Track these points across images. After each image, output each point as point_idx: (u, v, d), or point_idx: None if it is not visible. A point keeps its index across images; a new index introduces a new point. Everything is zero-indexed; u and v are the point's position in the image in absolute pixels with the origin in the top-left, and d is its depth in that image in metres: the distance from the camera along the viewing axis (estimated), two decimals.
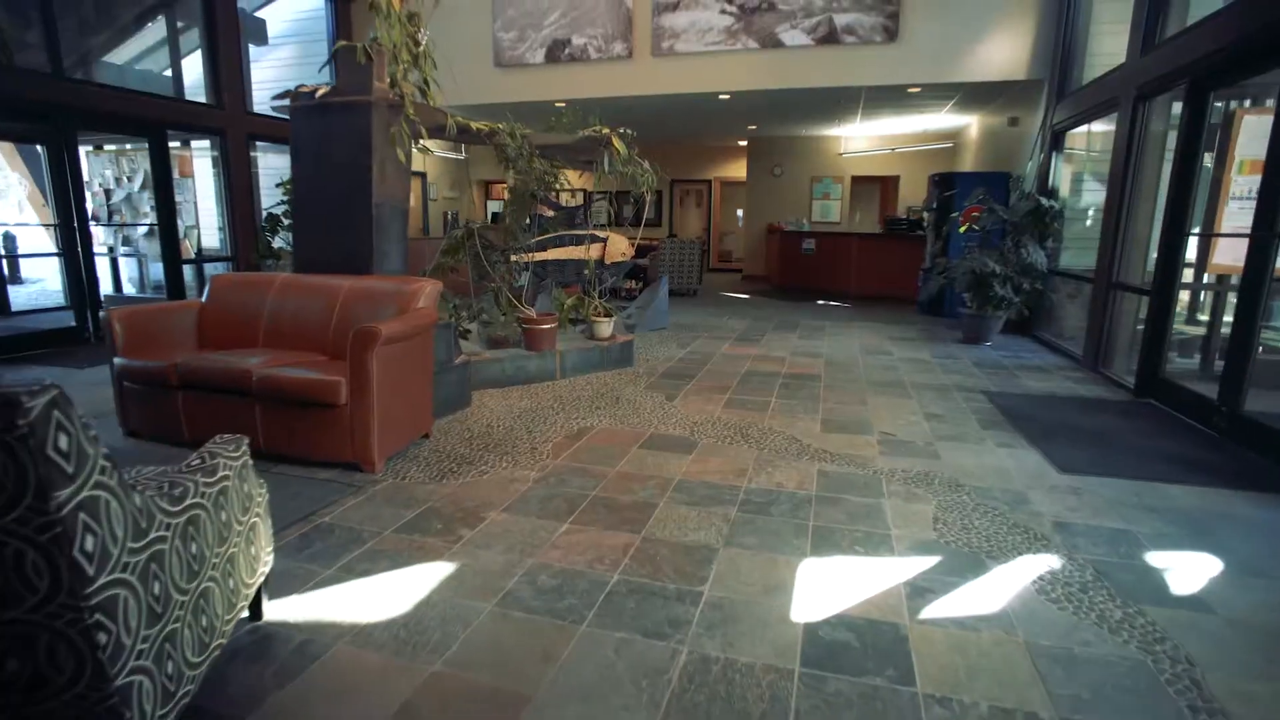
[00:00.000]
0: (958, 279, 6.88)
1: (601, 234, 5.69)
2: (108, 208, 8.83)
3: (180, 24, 8.20)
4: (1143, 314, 5.50)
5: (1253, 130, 4.75)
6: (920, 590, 2.29)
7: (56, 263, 7.32)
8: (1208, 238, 4.87)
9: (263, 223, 8.30)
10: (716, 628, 2.07)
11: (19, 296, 10.41)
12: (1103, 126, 6.87)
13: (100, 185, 8.82)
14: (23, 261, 11.82)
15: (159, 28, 8.23)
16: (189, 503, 1.54)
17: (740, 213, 15.80)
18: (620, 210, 6.17)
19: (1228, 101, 4.98)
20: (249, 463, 1.89)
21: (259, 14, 9.63)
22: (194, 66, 8.08)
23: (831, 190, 13.67)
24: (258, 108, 8.31)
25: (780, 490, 3.12)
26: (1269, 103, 4.73)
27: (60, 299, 7.63)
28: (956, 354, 6.47)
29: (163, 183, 7.30)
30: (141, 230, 8.66)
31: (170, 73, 8.07)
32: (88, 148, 8.72)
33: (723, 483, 3.21)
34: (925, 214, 10.15)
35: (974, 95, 8.68)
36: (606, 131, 4.97)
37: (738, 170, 15.37)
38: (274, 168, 9.02)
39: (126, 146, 8.66)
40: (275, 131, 8.33)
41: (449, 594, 2.25)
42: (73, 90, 6.36)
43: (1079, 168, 7.42)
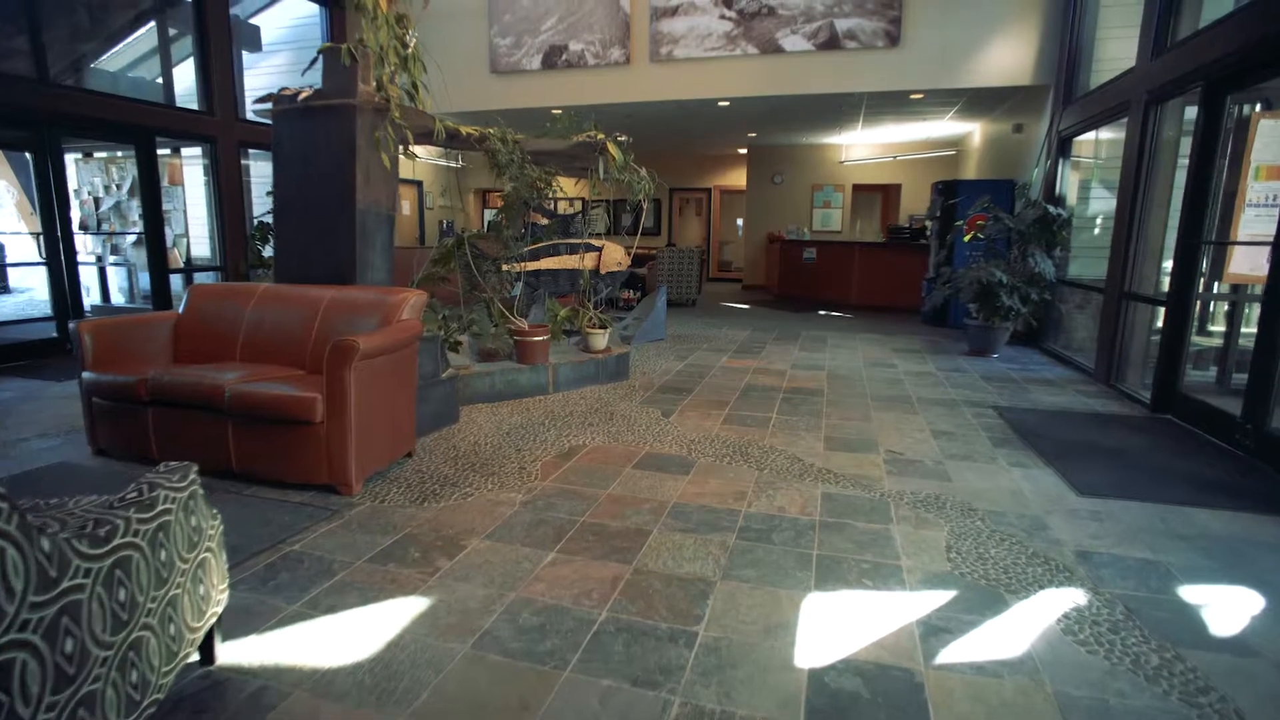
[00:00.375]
0: (963, 289, 6.71)
1: (596, 243, 5.52)
2: (96, 216, 8.69)
3: (172, 31, 8.09)
4: (1157, 325, 5.33)
5: (1270, 135, 4.59)
6: (935, 630, 2.10)
7: (45, 272, 7.16)
8: (1223, 246, 4.70)
9: (253, 231, 8.15)
10: (712, 674, 1.89)
11: (6, 306, 10.27)
12: (1109, 134, 6.72)
13: (89, 193, 8.68)
14: (12, 270, 11.68)
15: (150, 35, 8.11)
16: (118, 543, 1.36)
17: (740, 221, 15.67)
18: (619, 218, 5.99)
19: (1240, 106, 4.83)
20: (198, 493, 1.71)
21: (253, 20, 9.52)
22: (187, 74, 7.96)
23: (832, 199, 13.53)
24: (250, 115, 8.18)
25: (782, 515, 2.94)
26: None
27: (48, 309, 7.48)
28: (963, 366, 6.29)
29: (150, 190, 7.15)
30: (130, 239, 8.51)
31: (161, 80, 7.94)
32: (77, 155, 8.60)
33: (720, 506, 3.02)
34: (928, 222, 9.99)
35: (977, 102, 8.54)
36: (601, 137, 4.81)
37: (738, 179, 15.24)
38: (266, 175, 8.87)
39: (118, 154, 8.53)
40: (267, 139, 8.17)
41: (421, 634, 2.06)
42: (57, 96, 6.22)
43: (1086, 175, 7.26)
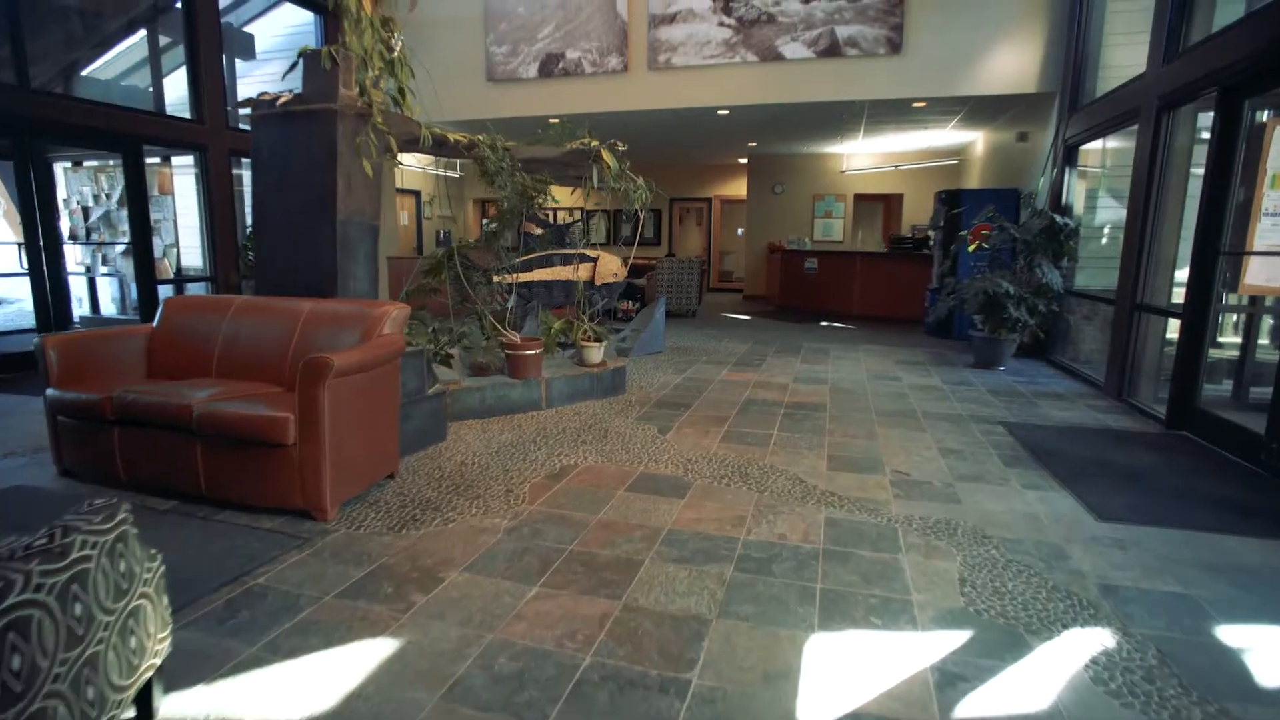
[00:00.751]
0: (969, 300, 6.54)
1: (592, 253, 5.36)
2: (85, 226, 8.56)
3: (165, 40, 7.98)
4: (1169, 337, 5.16)
5: None
6: (951, 677, 1.91)
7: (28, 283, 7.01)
8: (1237, 256, 4.53)
9: (245, 241, 8.00)
10: None
11: None
12: (1116, 143, 6.57)
13: (78, 203, 8.55)
14: (3, 281, 11.52)
15: (141, 44, 8.00)
16: (11, 602, 1.18)
17: (741, 231, 15.53)
18: (619, 228, 5.82)
19: (1253, 112, 4.67)
20: (129, 533, 1.53)
21: (247, 29, 9.41)
22: (179, 83, 7.83)
23: (834, 208, 13.39)
24: (242, 124, 8.05)
25: (783, 544, 2.75)
26: None
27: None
28: (969, 380, 6.11)
29: (137, 199, 7.01)
30: (120, 249, 8.37)
31: (151, 88, 7.82)
32: (66, 164, 8.47)
33: (718, 533, 2.84)
34: (931, 232, 9.84)
35: (981, 110, 8.41)
36: (595, 144, 4.66)
37: (738, 188, 15.11)
38: None
39: (110, 163, 8.40)
40: None
41: (387, 682, 1.87)
42: (40, 103, 6.08)
43: (1094, 184, 7.10)
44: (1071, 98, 6.75)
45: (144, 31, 7.91)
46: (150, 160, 8.01)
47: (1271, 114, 4.40)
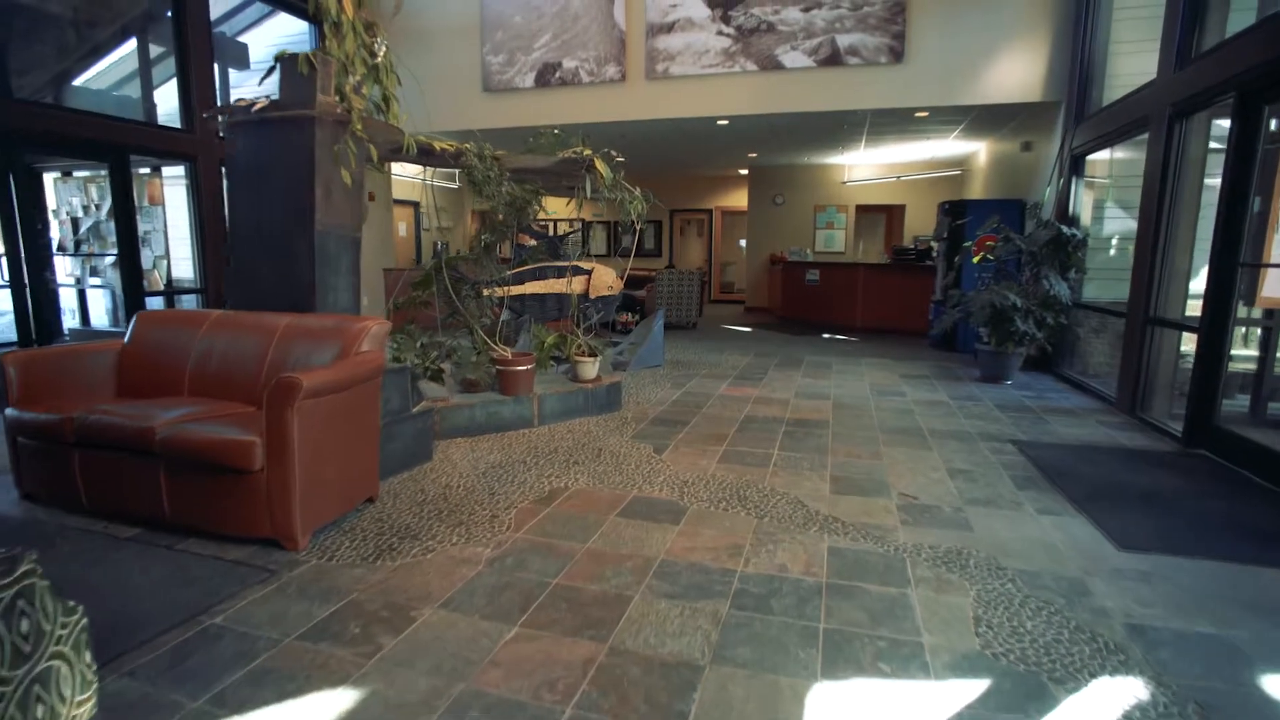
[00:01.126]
0: (975, 313, 6.37)
1: (586, 265, 5.20)
2: (75, 237, 8.43)
3: (158, 50, 7.87)
4: (1182, 350, 4.98)
5: None
6: None
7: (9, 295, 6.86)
8: (1254, 268, 4.36)
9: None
10: None
11: None
12: (1124, 153, 6.42)
13: (67, 213, 8.43)
14: None
15: (131, 53, 7.89)
16: None
17: (743, 243, 15.40)
18: (619, 239, 5.66)
19: (1269, 120, 4.52)
20: (36, 587, 1.35)
21: (241, 38, 9.32)
22: (174, 94, 7.72)
23: (835, 219, 13.25)
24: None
25: (783, 576, 2.57)
26: None
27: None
28: (976, 395, 5.92)
29: (124, 210, 6.86)
30: (109, 260, 8.23)
31: (141, 98, 7.71)
32: (56, 174, 8.36)
33: (714, 565, 2.65)
34: (935, 243, 9.69)
35: (984, 119, 8.27)
36: (589, 153, 4.51)
37: (739, 199, 15.00)
38: None
39: (101, 173, 8.28)
40: None
41: None
42: (19, 111, 5.95)
43: (1101, 194, 6.95)
44: (1078, 106, 6.61)
45: (134, 41, 7.81)
46: (142, 171, 7.91)
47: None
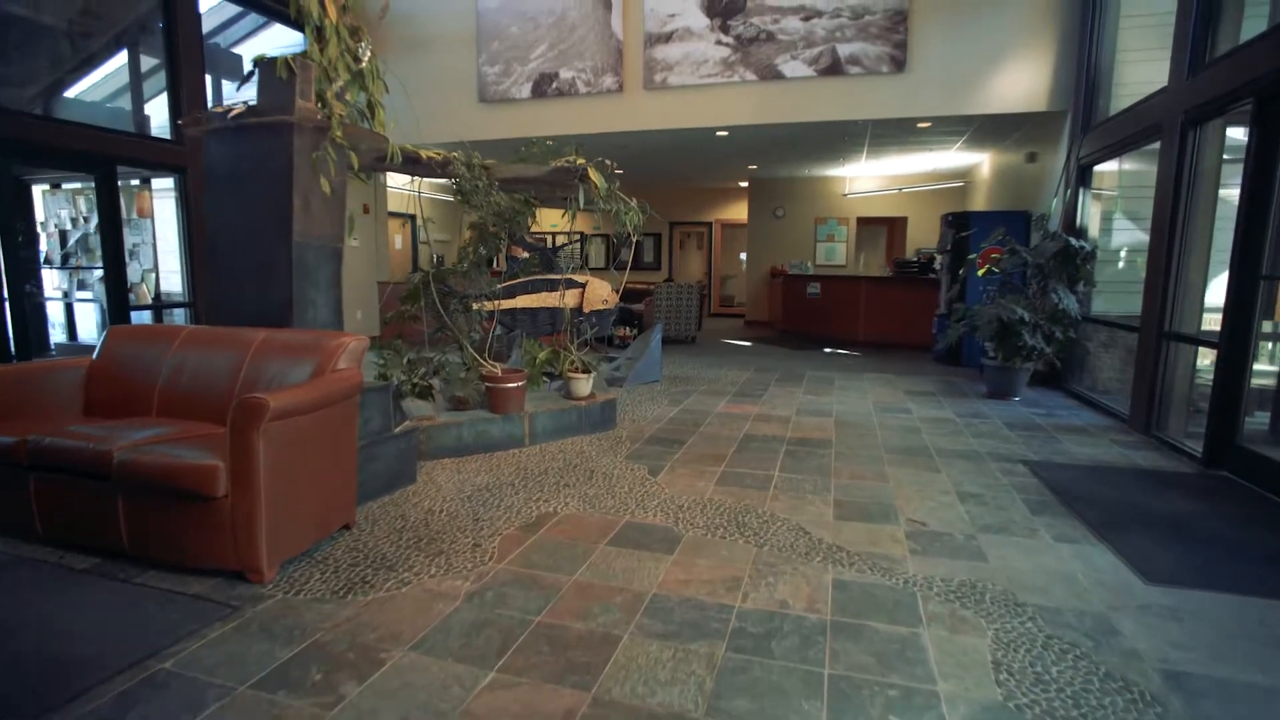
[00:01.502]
0: (981, 327, 6.20)
1: (580, 278, 5.04)
2: (62, 250, 8.30)
3: (151, 63, 7.77)
4: (1198, 365, 4.81)
5: None
6: None
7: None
8: (1273, 281, 4.19)
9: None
10: None
11: None
12: (1133, 163, 6.28)
13: (55, 226, 8.30)
14: None
15: (122, 63, 7.79)
16: None
17: (743, 256, 15.27)
18: (618, 252, 5.50)
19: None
20: None
21: (235, 49, 9.23)
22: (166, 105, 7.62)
23: (836, 232, 13.12)
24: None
25: (785, 613, 2.38)
26: None
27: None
28: (983, 411, 5.74)
29: (110, 222, 6.73)
30: (97, 274, 8.09)
31: (132, 109, 7.60)
32: (44, 186, 8.23)
33: (709, 600, 2.46)
34: (939, 256, 9.53)
35: (988, 130, 8.14)
36: (582, 162, 4.36)
37: (739, 212, 14.89)
38: None
39: (90, 184, 8.16)
40: None
41: None
42: (4, 121, 5.82)
43: (1110, 205, 6.80)
44: (1084, 116, 6.47)
45: (125, 53, 7.71)
46: (132, 183, 7.79)
47: None
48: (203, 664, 2.06)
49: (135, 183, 7.89)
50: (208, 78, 7.88)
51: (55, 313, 8.48)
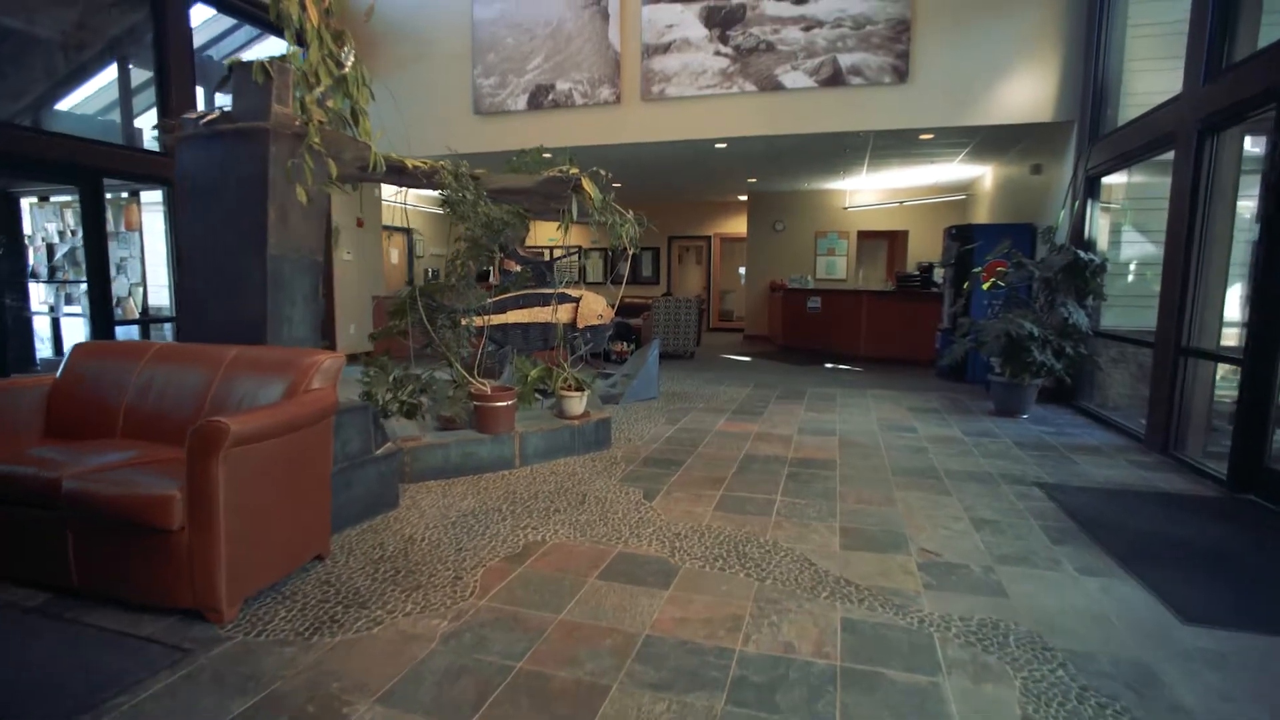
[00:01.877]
0: (989, 343, 6.01)
1: (574, 293, 4.86)
2: (50, 264, 8.14)
3: (144, 76, 7.65)
4: (1215, 380, 4.62)
5: None
6: None
7: None
8: None
9: None
10: None
11: None
12: (1142, 174, 6.13)
13: (43, 239, 8.15)
14: None
15: (112, 75, 7.67)
16: None
17: (742, 270, 15.12)
18: (616, 265, 5.32)
19: None
20: None
21: (228, 62, 9.11)
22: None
23: (837, 246, 12.97)
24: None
25: (790, 658, 2.17)
26: None
27: None
28: (991, 430, 5.54)
29: (95, 235, 6.56)
30: (84, 288, 7.92)
31: (121, 121, 7.47)
32: (32, 199, 8.09)
33: (708, 643, 2.26)
34: (940, 268, 9.36)
35: (991, 141, 8.00)
36: (575, 172, 4.19)
37: (738, 226, 14.76)
38: None
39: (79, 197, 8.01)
40: None
41: None
42: None
43: (1119, 217, 6.64)
44: (1092, 126, 6.32)
45: (114, 66, 7.59)
46: (123, 195, 7.65)
47: None
48: (147, 718, 1.85)
49: (124, 195, 7.75)
50: (199, 90, 7.76)
51: (42, 327, 8.32)
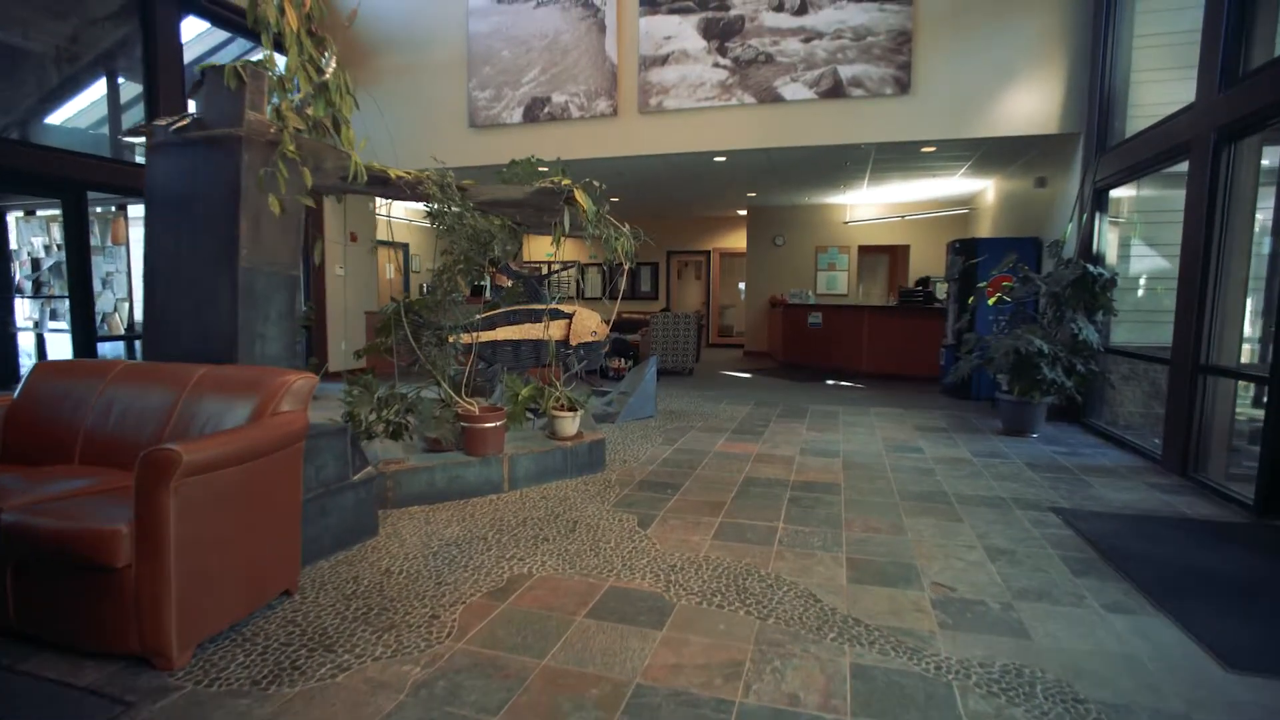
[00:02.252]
0: (997, 359, 5.82)
1: (567, 309, 4.68)
2: (35, 278, 7.97)
3: (134, 91, 7.54)
4: (1236, 399, 4.44)
5: None
6: None
7: None
8: None
9: None
10: None
11: None
12: (1153, 186, 5.98)
13: (28, 254, 7.99)
14: None
15: (101, 91, 7.55)
16: None
17: (742, 285, 14.97)
18: (613, 281, 5.15)
19: None
20: None
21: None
22: None
23: (837, 260, 12.82)
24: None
25: (796, 712, 1.96)
26: None
27: None
28: (1000, 450, 5.34)
29: (78, 249, 6.41)
30: (69, 303, 7.75)
31: (110, 134, 7.34)
32: (18, 213, 7.94)
33: (704, 693, 2.05)
34: (946, 283, 9.19)
35: (994, 154, 7.86)
36: (567, 183, 4.03)
37: (738, 240, 14.63)
38: None
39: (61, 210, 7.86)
40: None
41: None
42: None
43: (1128, 230, 6.48)
44: (1099, 137, 6.18)
45: (104, 78, 7.48)
46: (111, 209, 7.51)
47: None
48: None
49: (113, 210, 7.60)
50: (190, 104, 7.64)
51: (28, 344, 8.14)
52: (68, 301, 7.55)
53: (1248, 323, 4.39)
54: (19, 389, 3.14)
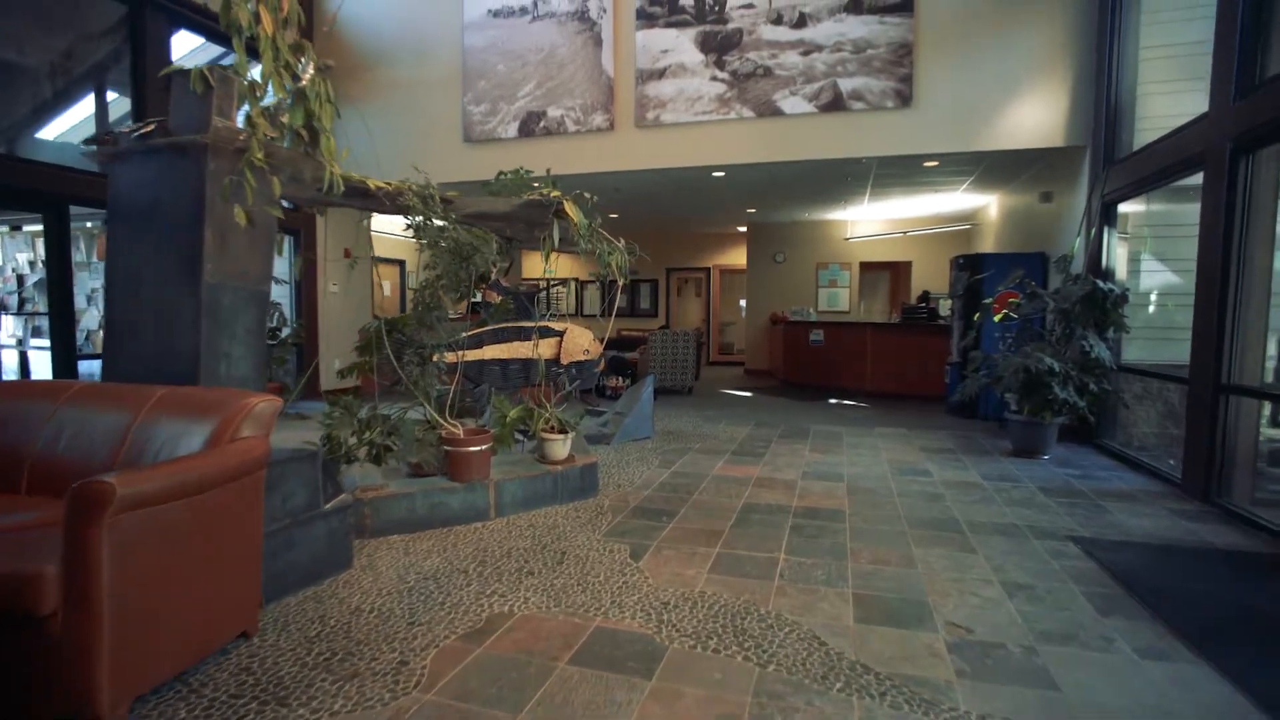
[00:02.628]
0: (1006, 378, 5.62)
1: (558, 326, 4.49)
2: (19, 295, 7.81)
3: (126, 108, 7.42)
4: (1260, 420, 4.22)
5: None
6: None
7: None
8: None
9: None
10: None
11: None
12: (1162, 199, 5.81)
13: (13, 270, 7.83)
14: None
15: (89, 110, 7.43)
16: None
17: (743, 302, 14.80)
18: (612, 297, 4.97)
19: None
20: None
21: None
22: None
23: (839, 277, 12.65)
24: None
25: None
26: None
27: None
28: (1012, 473, 5.12)
29: (58, 264, 6.24)
30: (49, 320, 7.57)
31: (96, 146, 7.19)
32: (2, 228, 7.81)
33: None
34: (951, 300, 9.01)
35: (998, 168, 7.71)
36: (557, 195, 3.85)
37: (738, 257, 14.48)
38: None
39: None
40: None
41: None
42: None
43: (1138, 244, 6.30)
44: (1107, 150, 6.02)
45: (92, 96, 7.36)
46: (101, 224, 7.36)
47: None
48: None
49: (99, 225, 7.46)
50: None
51: (11, 361, 7.96)
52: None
53: (1272, 341, 4.19)
54: None
